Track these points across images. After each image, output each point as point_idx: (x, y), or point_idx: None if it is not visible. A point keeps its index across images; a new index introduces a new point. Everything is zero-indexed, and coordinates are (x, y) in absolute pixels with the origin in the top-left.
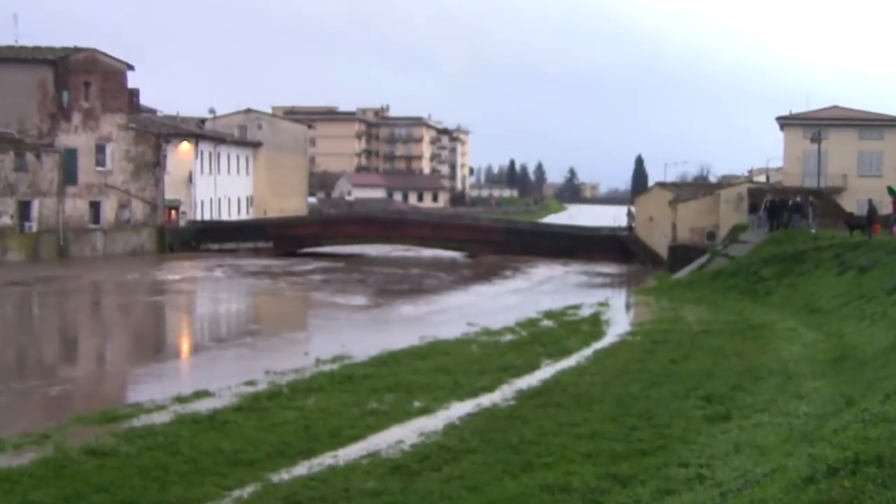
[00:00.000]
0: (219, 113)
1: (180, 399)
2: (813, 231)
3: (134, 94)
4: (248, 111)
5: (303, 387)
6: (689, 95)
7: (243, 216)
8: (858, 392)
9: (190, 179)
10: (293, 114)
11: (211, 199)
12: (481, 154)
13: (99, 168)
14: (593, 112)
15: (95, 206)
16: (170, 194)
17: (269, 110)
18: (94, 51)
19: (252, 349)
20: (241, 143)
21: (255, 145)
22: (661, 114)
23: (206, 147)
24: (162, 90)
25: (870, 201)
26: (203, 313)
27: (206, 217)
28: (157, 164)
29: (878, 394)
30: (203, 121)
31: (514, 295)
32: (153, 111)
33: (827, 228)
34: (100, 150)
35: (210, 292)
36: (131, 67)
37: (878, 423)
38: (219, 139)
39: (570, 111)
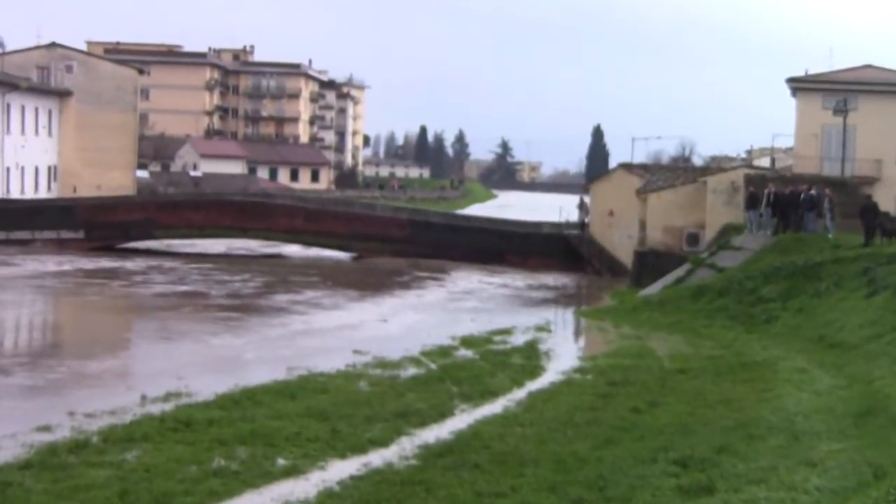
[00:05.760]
0: (8, 47)
1: None
2: (831, 236)
3: None
4: (53, 46)
5: (120, 435)
6: (667, 48)
7: (42, 194)
8: (891, 460)
9: None
10: (118, 53)
11: None
12: (381, 118)
13: None
14: (536, 67)
15: None
16: None
17: (84, 46)
18: None
19: (49, 380)
20: (42, 90)
21: (63, 94)
22: (628, 72)
23: None
24: None
25: None
26: None
27: None
28: None
29: None
30: None
31: (420, 313)
32: None
33: (852, 232)
34: None
35: None
36: None
37: None
38: (9, 84)
39: (504, 64)
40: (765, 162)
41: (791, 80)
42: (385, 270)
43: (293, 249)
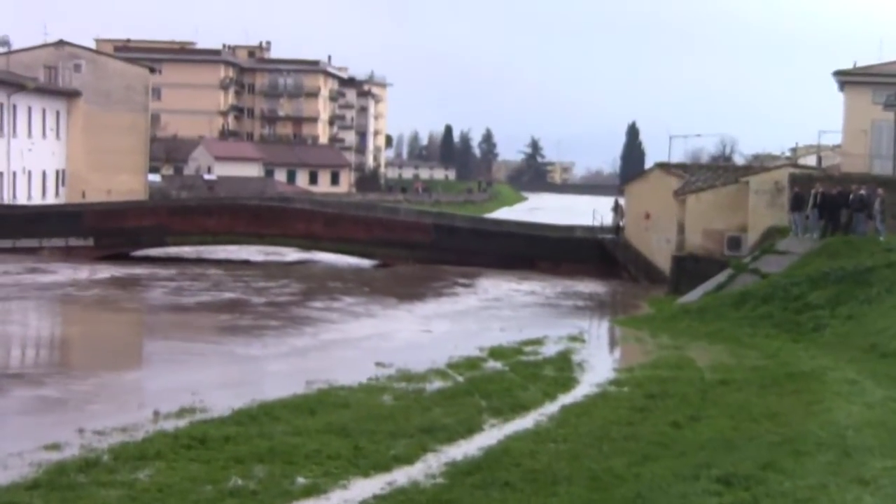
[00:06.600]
0: (15, 46)
1: None
2: (883, 238)
3: None
4: (61, 44)
5: (132, 453)
6: (706, 40)
7: (50, 199)
8: None
9: None
10: (128, 51)
11: (2, 174)
12: (404, 116)
13: None
14: (567, 61)
15: None
16: None
17: (93, 44)
18: None
19: (59, 394)
20: (49, 90)
21: (71, 95)
22: (664, 66)
23: None
24: None
25: None
26: None
27: None
28: None
29: None
30: None
31: (446, 322)
32: None
33: None
34: None
35: None
36: None
37: None
38: (15, 84)
39: (533, 59)
40: (811, 160)
41: (838, 74)
42: (416, 277)
43: (322, 255)
